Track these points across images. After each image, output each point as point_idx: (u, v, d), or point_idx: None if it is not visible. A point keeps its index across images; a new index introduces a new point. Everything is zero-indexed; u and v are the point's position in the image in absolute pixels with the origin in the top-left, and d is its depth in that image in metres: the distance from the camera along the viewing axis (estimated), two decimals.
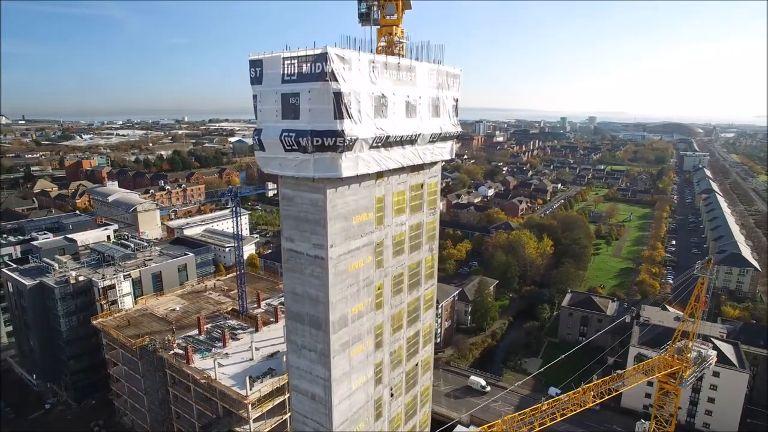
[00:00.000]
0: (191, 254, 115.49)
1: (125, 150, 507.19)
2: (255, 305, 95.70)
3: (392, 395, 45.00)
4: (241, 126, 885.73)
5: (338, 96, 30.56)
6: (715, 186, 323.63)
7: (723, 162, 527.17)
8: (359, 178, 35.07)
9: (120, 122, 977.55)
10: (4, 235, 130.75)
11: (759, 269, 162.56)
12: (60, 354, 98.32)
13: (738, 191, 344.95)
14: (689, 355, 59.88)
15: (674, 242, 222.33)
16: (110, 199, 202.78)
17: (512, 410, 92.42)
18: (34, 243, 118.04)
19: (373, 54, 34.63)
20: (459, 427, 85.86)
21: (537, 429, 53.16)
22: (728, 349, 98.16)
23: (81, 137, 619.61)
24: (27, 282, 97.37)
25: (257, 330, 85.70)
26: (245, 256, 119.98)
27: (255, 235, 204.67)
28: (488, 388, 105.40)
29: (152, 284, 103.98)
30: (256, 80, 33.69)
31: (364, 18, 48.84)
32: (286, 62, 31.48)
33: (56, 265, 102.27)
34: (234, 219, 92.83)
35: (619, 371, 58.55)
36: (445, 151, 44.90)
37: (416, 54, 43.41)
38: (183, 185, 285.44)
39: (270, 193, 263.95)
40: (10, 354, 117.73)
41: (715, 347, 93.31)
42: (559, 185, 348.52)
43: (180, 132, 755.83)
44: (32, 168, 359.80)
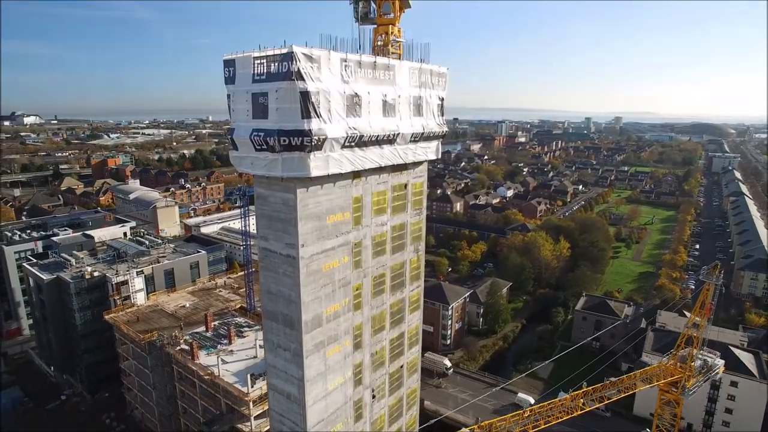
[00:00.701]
0: (203, 252, 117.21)
1: (149, 149, 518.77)
2: None
3: (374, 397, 44.72)
4: None
5: (305, 95, 30.40)
6: (745, 189, 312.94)
7: (755, 164, 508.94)
8: (333, 178, 34.87)
9: (146, 121, 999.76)
10: (28, 231, 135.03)
11: None
12: (75, 347, 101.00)
13: None
14: (693, 364, 57.81)
15: (698, 246, 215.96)
16: (131, 197, 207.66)
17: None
18: (54, 239, 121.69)
19: (347, 53, 34.41)
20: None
21: None
22: (748, 359, 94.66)
23: (108, 136, 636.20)
24: (45, 276, 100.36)
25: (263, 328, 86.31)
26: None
27: None
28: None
29: (164, 281, 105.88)
30: (230, 80, 33.86)
31: (361, 17, 48.77)
32: (256, 62, 31.52)
33: (73, 261, 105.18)
34: (242, 217, 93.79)
35: (612, 378, 56.82)
36: (430, 151, 44.34)
37: (410, 53, 43.11)
38: (203, 184, 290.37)
39: None
40: (31, 346, 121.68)
41: (729, 356, 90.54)
42: (580, 187, 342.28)
43: (203, 131, 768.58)
44: (61, 166, 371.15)
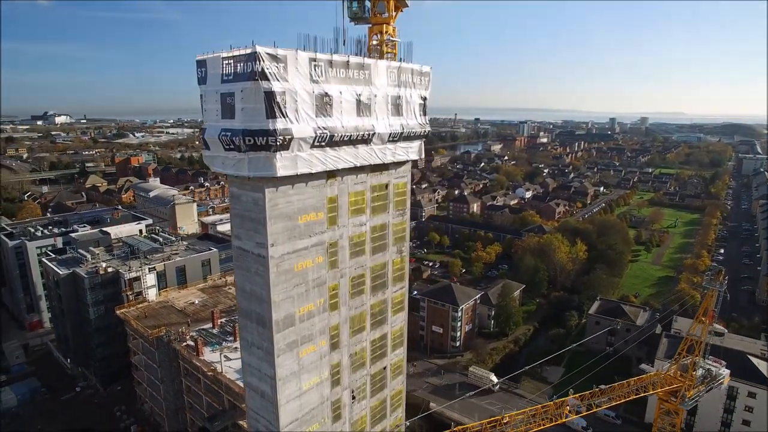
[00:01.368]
0: (215, 249, 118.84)
1: (172, 148, 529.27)
2: None
3: (354, 398, 44.54)
4: None
5: (269, 95, 30.41)
6: None
7: None
8: (305, 178, 34.81)
9: (171, 121, 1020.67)
10: (49, 227, 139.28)
11: None
12: (90, 341, 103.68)
13: None
14: (695, 373, 55.89)
15: (722, 251, 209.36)
16: (151, 195, 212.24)
17: None
18: (72, 235, 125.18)
19: (317, 53, 34.24)
20: None
21: None
22: None
23: (133, 135, 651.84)
24: (61, 271, 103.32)
25: None
26: None
27: None
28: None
29: (176, 277, 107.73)
30: (202, 80, 34.16)
31: (355, 16, 48.70)
32: (224, 62, 31.72)
33: (89, 256, 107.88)
34: None
35: (602, 386, 55.26)
36: (411, 151, 43.92)
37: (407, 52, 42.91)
38: (222, 182, 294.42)
39: None
40: (51, 338, 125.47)
41: (747, 366, 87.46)
42: (602, 188, 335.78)
43: None
44: (87, 164, 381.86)
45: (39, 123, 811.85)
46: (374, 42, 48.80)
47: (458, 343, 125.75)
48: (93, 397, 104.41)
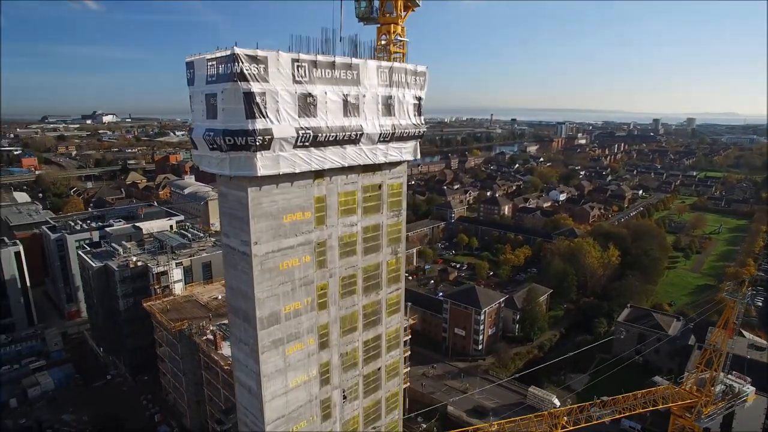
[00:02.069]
0: None
1: None
2: None
3: (345, 397, 44.36)
4: None
5: (249, 96, 30.63)
6: None
7: None
8: (290, 177, 34.88)
9: None
10: (88, 221, 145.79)
11: None
12: (119, 331, 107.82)
13: None
14: (713, 389, 52.78)
15: None
16: (186, 192, 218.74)
17: None
18: (107, 229, 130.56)
19: (299, 53, 34.21)
20: None
21: None
22: None
23: (174, 134, 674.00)
24: (95, 264, 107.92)
25: None
26: None
27: None
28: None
29: (202, 273, 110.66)
30: (190, 81, 34.82)
31: (363, 15, 48.66)
32: (208, 64, 32.21)
33: (121, 250, 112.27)
34: None
35: (605, 397, 52.76)
36: (406, 152, 43.32)
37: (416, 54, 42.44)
38: None
39: None
40: (86, 327, 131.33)
41: None
42: (640, 192, 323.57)
43: None
44: (129, 162, 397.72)
45: (88, 122, 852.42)
46: (383, 41, 48.60)
47: (480, 347, 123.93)
48: (122, 386, 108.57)
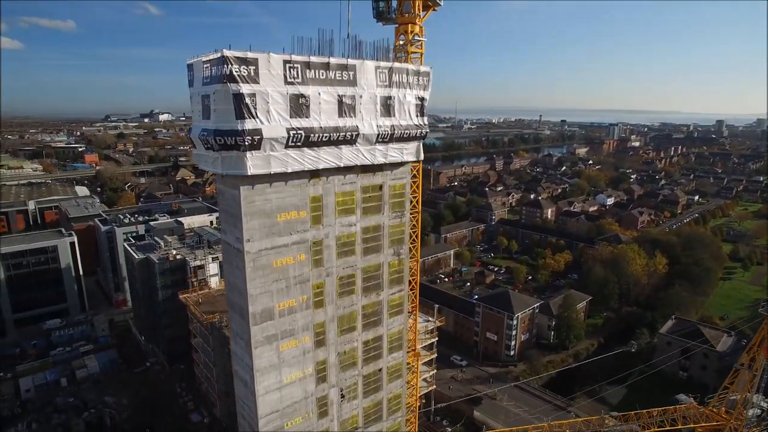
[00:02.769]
0: None
1: None
2: None
3: (343, 396, 44.11)
4: None
5: (238, 97, 31.12)
6: None
7: None
8: (284, 176, 35.12)
9: None
10: (136, 215, 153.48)
11: None
12: (159, 321, 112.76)
13: None
14: (744, 411, 48.72)
15: None
16: None
17: None
18: (152, 223, 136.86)
19: (291, 54, 34.47)
20: None
21: None
22: None
23: None
24: (138, 256, 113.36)
25: None
26: None
27: None
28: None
29: None
30: (190, 83, 35.89)
31: (380, 15, 48.47)
32: (204, 66, 32.97)
33: (162, 244, 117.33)
34: None
35: (614, 413, 49.50)
36: (407, 153, 42.55)
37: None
38: None
39: None
40: (131, 316, 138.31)
41: None
42: (696, 197, 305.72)
43: None
44: (180, 158, 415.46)
45: (146, 120, 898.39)
46: (401, 42, 48.26)
47: (512, 352, 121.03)
48: (160, 373, 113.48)
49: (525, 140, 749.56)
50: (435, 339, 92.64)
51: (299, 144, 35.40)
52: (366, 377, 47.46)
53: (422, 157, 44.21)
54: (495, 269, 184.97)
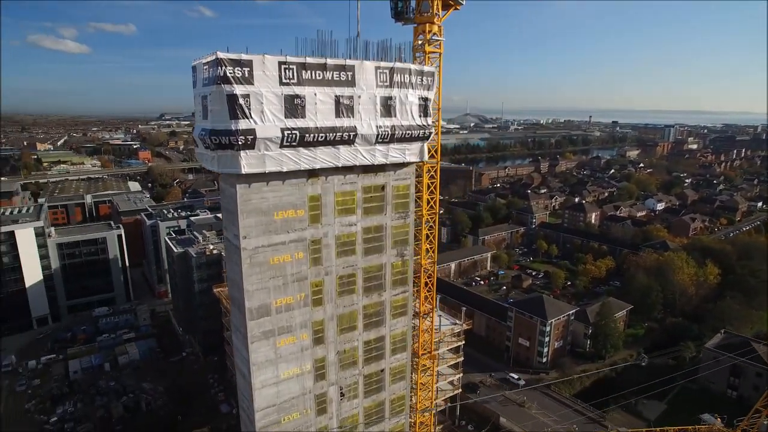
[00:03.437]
0: None
1: None
2: None
3: (343, 395, 43.78)
4: None
5: (232, 97, 31.61)
6: None
7: None
8: (280, 176, 35.37)
9: None
10: (179, 210, 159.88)
11: None
12: (195, 313, 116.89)
13: None
14: None
15: None
16: None
17: None
18: (192, 218, 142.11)
19: (287, 56, 34.61)
20: None
21: None
22: None
23: None
24: (177, 249, 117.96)
25: None
26: None
27: None
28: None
29: None
30: (194, 84, 36.85)
31: (400, 15, 48.18)
32: (203, 68, 33.67)
33: (200, 238, 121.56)
34: None
35: (622, 430, 46.36)
36: (410, 153, 41.73)
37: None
38: None
39: None
40: (171, 307, 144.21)
41: None
42: (759, 204, 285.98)
43: None
44: None
45: None
46: (419, 41, 47.77)
47: (545, 359, 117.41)
48: (194, 363, 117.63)
49: (573, 142, 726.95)
50: (462, 342, 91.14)
51: (294, 144, 35.73)
52: (367, 377, 47.16)
53: (426, 158, 43.44)
54: (533, 273, 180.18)
